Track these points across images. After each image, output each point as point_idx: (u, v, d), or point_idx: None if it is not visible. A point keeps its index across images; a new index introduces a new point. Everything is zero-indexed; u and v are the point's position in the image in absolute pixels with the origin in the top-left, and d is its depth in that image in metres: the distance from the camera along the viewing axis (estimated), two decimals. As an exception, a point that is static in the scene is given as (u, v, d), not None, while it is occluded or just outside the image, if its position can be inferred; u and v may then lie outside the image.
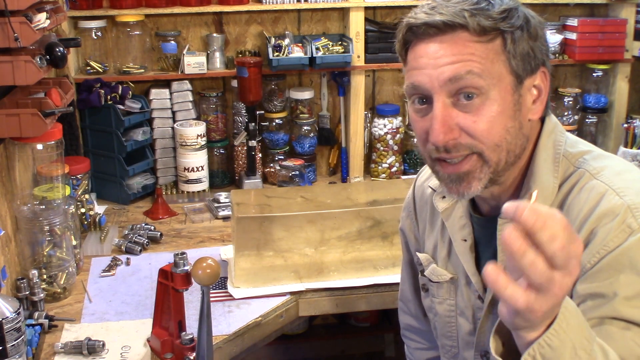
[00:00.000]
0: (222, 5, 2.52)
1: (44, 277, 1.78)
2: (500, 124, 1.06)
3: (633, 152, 2.51)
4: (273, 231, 1.86)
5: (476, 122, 1.05)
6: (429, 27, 1.06)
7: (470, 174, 1.09)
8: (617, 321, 0.97)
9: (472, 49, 1.05)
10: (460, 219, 1.26)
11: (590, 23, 2.69)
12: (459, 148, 1.07)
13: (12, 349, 1.39)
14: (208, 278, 1.31)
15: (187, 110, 2.59)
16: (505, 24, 1.06)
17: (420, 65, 1.08)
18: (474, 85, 1.05)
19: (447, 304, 1.34)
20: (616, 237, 1.01)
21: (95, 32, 2.51)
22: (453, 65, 1.05)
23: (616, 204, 1.03)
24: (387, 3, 2.61)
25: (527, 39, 1.08)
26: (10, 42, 1.48)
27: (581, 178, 1.11)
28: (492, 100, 1.05)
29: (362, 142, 2.70)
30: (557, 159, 1.14)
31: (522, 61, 1.08)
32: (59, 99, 1.73)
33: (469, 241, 1.25)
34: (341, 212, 1.90)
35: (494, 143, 1.07)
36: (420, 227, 1.43)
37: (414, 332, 1.57)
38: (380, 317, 2.92)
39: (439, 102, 1.06)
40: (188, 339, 1.46)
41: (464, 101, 1.06)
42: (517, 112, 1.08)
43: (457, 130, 1.06)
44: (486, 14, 1.05)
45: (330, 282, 1.88)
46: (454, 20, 1.05)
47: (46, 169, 1.82)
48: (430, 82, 1.06)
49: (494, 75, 1.06)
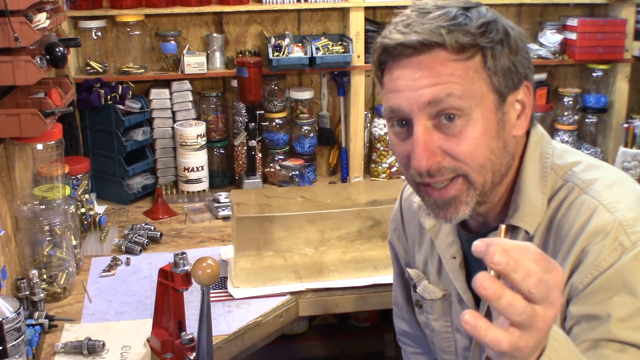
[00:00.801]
0: (222, 5, 2.52)
1: (44, 277, 1.78)
2: (484, 145, 1.02)
3: (633, 152, 2.51)
4: (273, 231, 1.86)
5: (459, 144, 1.01)
6: (404, 47, 1.01)
7: (457, 199, 1.05)
8: (612, 343, 0.94)
9: (451, 68, 1.00)
10: (448, 235, 1.23)
11: (590, 23, 2.69)
12: (443, 172, 1.03)
13: (12, 349, 1.39)
14: (208, 278, 1.31)
15: (187, 110, 2.59)
16: (484, 39, 1.01)
17: (398, 88, 1.03)
18: (455, 107, 1.00)
19: (443, 320, 1.32)
20: (608, 256, 0.98)
21: (95, 32, 2.51)
22: (432, 87, 1.00)
23: (607, 220, 1.00)
24: (387, 3, 2.61)
25: (508, 54, 1.04)
26: (11, 42, 1.48)
27: (570, 193, 1.07)
28: (474, 121, 1.01)
29: (362, 142, 2.70)
30: (544, 173, 1.10)
31: (504, 77, 1.03)
32: (59, 99, 1.73)
33: (458, 258, 1.22)
34: (341, 212, 1.90)
35: (478, 165, 1.03)
36: (410, 241, 1.39)
37: (408, 337, 1.56)
38: (380, 317, 2.92)
39: (420, 125, 1.02)
40: (188, 339, 1.46)
41: (446, 122, 1.01)
42: (501, 130, 1.05)
43: (439, 154, 1.02)
44: (464, 30, 1.01)
45: (330, 282, 1.88)
46: (430, 39, 1.00)
47: (46, 169, 1.82)
48: (409, 105, 1.02)
49: (475, 95, 1.01)
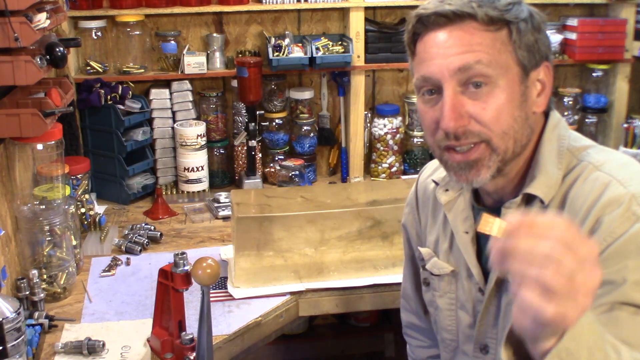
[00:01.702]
0: (222, 5, 2.52)
1: (44, 277, 1.78)
2: (508, 112, 1.09)
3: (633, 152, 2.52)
4: (273, 231, 1.86)
5: (485, 109, 1.08)
6: (438, 16, 1.10)
7: (480, 162, 1.11)
8: (626, 306, 0.97)
9: (480, 38, 1.08)
10: (462, 211, 1.27)
11: (590, 23, 2.69)
12: (468, 135, 1.09)
13: (12, 349, 1.39)
14: (208, 278, 1.31)
15: (187, 110, 2.59)
16: (510, 15, 1.09)
17: (431, 56, 1.11)
18: (483, 74, 1.08)
19: (448, 297, 1.35)
20: (622, 224, 1.02)
21: (95, 32, 2.51)
22: (462, 55, 1.08)
23: (620, 193, 1.05)
24: (387, 3, 2.61)
25: (532, 31, 1.11)
26: (11, 42, 1.48)
27: (585, 170, 1.12)
28: (500, 89, 1.09)
29: (362, 142, 2.70)
30: (561, 152, 1.16)
31: (527, 52, 1.11)
32: (59, 99, 1.73)
33: (470, 233, 1.26)
34: (341, 212, 1.90)
35: (502, 130, 1.09)
36: (422, 223, 1.44)
37: (415, 329, 1.58)
38: (380, 317, 2.92)
39: (449, 89, 1.09)
40: (188, 339, 1.46)
41: (473, 89, 1.09)
42: (524, 102, 1.11)
43: (466, 118, 1.09)
44: (492, 6, 1.09)
45: (330, 282, 1.88)
46: (462, 9, 1.08)
47: (46, 169, 1.82)
48: (440, 71, 1.09)
49: (502, 65, 1.09)
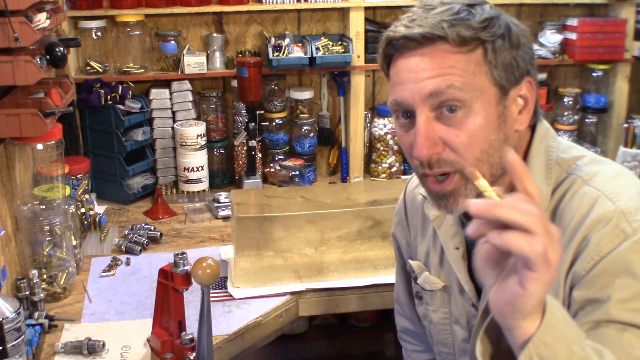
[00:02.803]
0: (222, 5, 2.52)
1: (44, 277, 1.78)
2: (483, 138, 1.05)
3: (633, 152, 2.51)
4: (273, 231, 1.86)
5: (459, 135, 1.04)
6: (408, 40, 1.06)
7: (456, 192, 1.08)
8: (613, 324, 0.96)
9: (453, 61, 1.04)
10: (451, 226, 1.25)
11: (590, 23, 2.69)
12: (442, 164, 1.06)
13: (12, 348, 1.39)
14: (208, 278, 1.31)
15: (187, 110, 2.59)
16: (485, 34, 1.05)
17: (402, 80, 1.08)
18: (456, 99, 1.03)
19: (442, 312, 1.33)
20: (610, 242, 1.00)
21: (95, 32, 2.51)
22: (434, 79, 1.04)
23: (609, 209, 1.03)
24: (387, 3, 2.61)
25: (509, 48, 1.06)
26: (11, 42, 1.48)
27: (573, 184, 1.10)
28: (475, 113, 1.04)
29: (362, 142, 2.70)
30: (549, 165, 1.13)
31: (505, 71, 1.06)
32: (59, 99, 1.73)
33: (461, 249, 1.23)
34: (341, 212, 1.90)
35: (475, 158, 1.05)
36: (412, 234, 1.42)
37: (409, 334, 1.57)
38: (380, 317, 2.92)
39: (422, 116, 1.05)
40: (188, 339, 1.46)
41: (447, 114, 1.05)
42: (502, 123, 1.07)
43: (440, 145, 1.05)
44: (466, 24, 1.04)
45: (330, 282, 1.88)
46: (432, 32, 1.04)
47: (46, 169, 1.82)
48: (412, 96, 1.06)
49: (476, 87, 1.04)
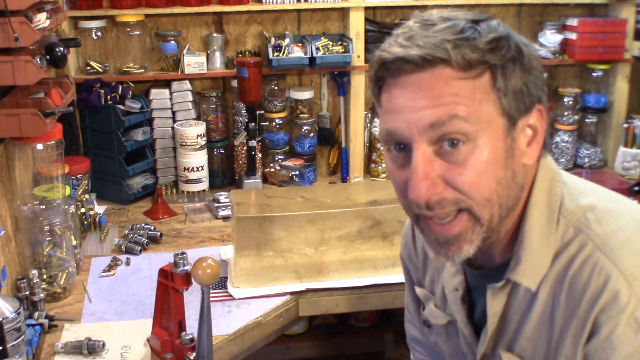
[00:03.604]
0: (222, 5, 2.52)
1: (44, 277, 1.78)
2: (490, 175, 0.92)
3: (633, 152, 2.52)
4: (273, 231, 1.86)
5: (462, 174, 0.91)
6: (404, 62, 0.90)
7: (462, 236, 0.95)
8: None
9: (456, 88, 0.89)
10: (450, 266, 1.14)
11: (590, 23, 2.69)
12: (444, 204, 0.92)
13: (12, 348, 1.39)
14: (208, 278, 1.31)
15: (187, 110, 2.59)
16: (494, 56, 0.91)
17: (397, 108, 0.92)
18: (460, 132, 0.89)
19: (452, 342, 1.24)
20: (622, 334, 0.91)
21: (95, 32, 2.51)
22: (434, 109, 0.89)
23: (623, 295, 0.91)
24: (387, 3, 2.61)
25: (520, 73, 0.93)
26: (11, 42, 1.48)
27: (583, 248, 0.96)
28: (480, 148, 0.90)
29: (362, 142, 2.70)
30: (552, 219, 0.99)
31: (515, 99, 0.93)
32: (59, 99, 1.73)
33: (460, 291, 1.13)
34: (341, 212, 1.90)
35: (483, 198, 0.92)
36: (419, 259, 1.30)
37: (418, 343, 1.50)
38: (380, 317, 2.92)
39: (419, 152, 0.91)
40: (188, 339, 1.46)
41: (448, 149, 0.90)
42: (510, 158, 0.94)
43: (440, 184, 0.91)
44: (472, 45, 0.90)
45: (330, 282, 1.88)
46: (434, 54, 0.89)
47: (46, 169, 1.82)
48: (408, 128, 0.91)
49: (483, 118, 0.90)
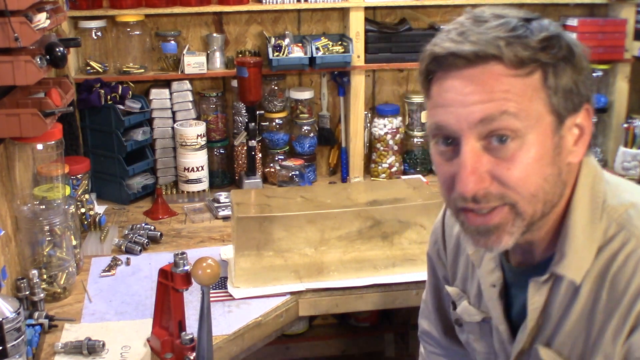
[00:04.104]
0: (222, 5, 2.52)
1: (44, 277, 1.78)
2: (537, 172, 0.93)
3: (633, 152, 2.51)
4: (273, 231, 1.86)
5: (510, 169, 0.92)
6: (456, 57, 0.92)
7: (501, 227, 0.96)
8: None
9: (507, 84, 0.91)
10: (489, 261, 1.13)
11: (590, 23, 2.69)
12: (489, 198, 0.94)
13: (12, 348, 1.39)
14: (208, 278, 1.31)
15: (187, 110, 2.59)
16: (546, 55, 0.92)
17: (447, 102, 0.94)
18: (510, 128, 0.91)
19: (485, 341, 1.22)
20: None
21: (95, 32, 2.50)
22: (485, 104, 0.91)
23: None
24: (387, 3, 2.61)
25: (571, 73, 0.95)
26: (11, 42, 1.48)
27: (627, 243, 0.96)
28: (529, 145, 0.92)
29: (362, 142, 2.70)
30: (595, 214, 1.00)
31: (564, 98, 0.94)
32: (59, 99, 1.73)
33: (497, 287, 1.12)
34: (341, 212, 1.90)
35: (530, 194, 0.93)
36: (449, 258, 1.29)
37: (430, 337, 1.49)
38: (380, 317, 2.92)
39: (468, 146, 0.92)
40: (188, 339, 1.46)
41: (497, 144, 0.92)
42: (557, 156, 0.95)
43: (488, 179, 0.93)
44: (524, 43, 0.91)
45: (330, 282, 1.88)
46: (486, 50, 0.90)
47: (46, 169, 1.82)
48: (457, 122, 0.93)
49: (532, 115, 0.92)
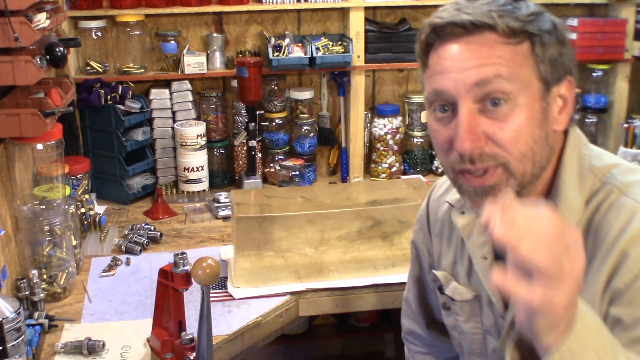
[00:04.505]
0: (222, 5, 2.52)
1: (44, 277, 1.78)
2: (527, 133, 1.01)
3: (633, 152, 2.51)
4: (273, 231, 1.86)
5: (503, 129, 1.00)
6: (454, 26, 1.01)
7: (496, 187, 1.03)
8: None
9: (500, 51, 1.00)
10: (479, 235, 1.19)
11: (590, 23, 2.69)
12: (484, 158, 1.01)
13: (12, 349, 1.39)
14: (208, 278, 1.31)
15: (187, 110, 2.59)
16: (533, 27, 1.02)
17: (445, 69, 1.02)
18: (502, 90, 0.99)
19: (473, 322, 1.28)
20: None
21: (95, 32, 2.51)
22: (480, 68, 0.99)
23: None
24: (387, 3, 2.61)
25: (556, 44, 1.04)
26: (11, 42, 1.48)
27: (609, 195, 1.05)
28: (520, 107, 1.00)
29: (362, 142, 2.70)
30: (582, 174, 1.08)
31: (550, 67, 1.03)
32: (59, 99, 1.73)
33: (489, 259, 1.18)
34: (341, 212, 1.90)
35: (520, 152, 1.01)
36: (435, 243, 1.36)
37: (414, 336, 1.54)
38: (380, 317, 2.92)
39: (465, 107, 1.00)
40: (188, 339, 1.46)
41: (491, 107, 1.00)
42: (544, 120, 1.03)
43: (483, 139, 1.00)
44: (514, 16, 1.01)
45: (330, 282, 1.88)
46: (481, 20, 1.00)
47: (46, 169, 1.82)
48: (455, 86, 1.01)
49: (523, 80, 1.00)
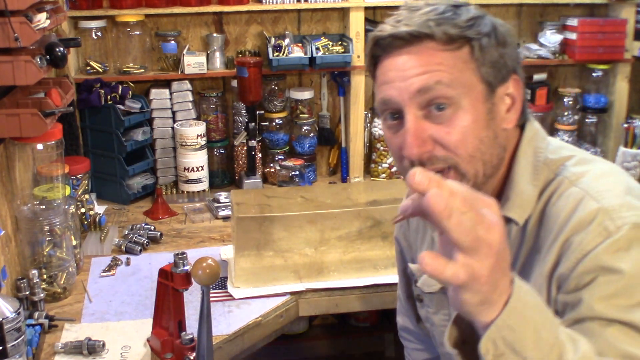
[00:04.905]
0: (222, 5, 2.52)
1: (44, 277, 1.78)
2: (473, 134, 1.05)
3: (633, 152, 2.51)
4: (273, 231, 1.86)
5: (449, 132, 1.04)
6: (395, 39, 1.07)
7: None
8: (597, 320, 0.95)
9: (440, 58, 1.04)
10: None
11: (590, 23, 2.69)
12: (434, 161, 1.05)
13: (12, 349, 1.39)
14: (208, 278, 1.31)
15: (187, 110, 2.59)
16: (471, 32, 1.05)
17: (389, 79, 1.07)
18: (444, 95, 1.03)
19: (442, 314, 1.33)
20: (593, 240, 0.99)
21: (95, 32, 2.51)
22: (421, 76, 1.04)
23: (592, 208, 1.02)
24: (387, 3, 2.61)
25: (496, 46, 1.07)
26: (11, 42, 1.48)
27: (560, 185, 1.09)
28: (464, 110, 1.04)
29: (362, 142, 2.70)
30: (537, 167, 1.12)
31: (492, 69, 1.07)
32: (59, 99, 1.73)
33: None
34: (341, 212, 1.90)
35: (468, 154, 1.05)
36: (412, 237, 1.42)
37: (409, 333, 1.57)
38: (380, 317, 2.92)
39: (410, 114, 1.05)
40: (188, 339, 1.46)
41: (436, 112, 1.04)
42: (491, 121, 1.07)
43: (430, 143, 1.04)
44: (452, 23, 1.05)
45: (330, 282, 1.88)
46: (419, 30, 1.05)
47: (46, 169, 1.82)
48: (399, 95, 1.05)
49: (464, 84, 1.04)
